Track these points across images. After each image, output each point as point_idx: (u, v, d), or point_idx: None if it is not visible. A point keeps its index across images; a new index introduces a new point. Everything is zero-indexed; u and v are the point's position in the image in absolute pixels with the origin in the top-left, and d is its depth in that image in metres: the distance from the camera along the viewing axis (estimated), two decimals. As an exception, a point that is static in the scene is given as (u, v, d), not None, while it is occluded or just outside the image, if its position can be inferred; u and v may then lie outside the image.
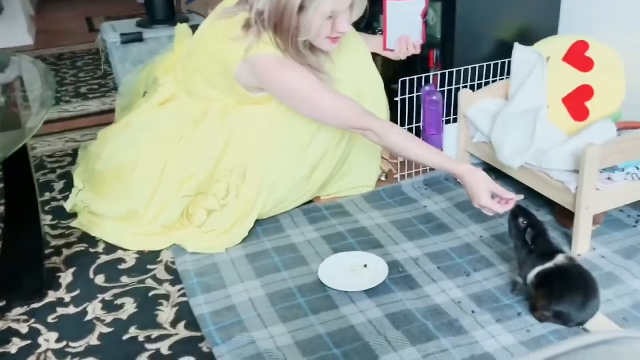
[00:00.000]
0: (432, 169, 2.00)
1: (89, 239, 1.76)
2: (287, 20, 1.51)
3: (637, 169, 1.55)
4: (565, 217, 1.63)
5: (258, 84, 1.64)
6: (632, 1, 1.82)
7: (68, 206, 1.89)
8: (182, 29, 1.99)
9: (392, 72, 2.14)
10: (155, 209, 1.71)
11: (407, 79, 1.88)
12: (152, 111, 1.85)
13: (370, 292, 1.45)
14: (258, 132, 1.71)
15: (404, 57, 1.88)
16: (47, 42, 4.25)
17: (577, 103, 1.78)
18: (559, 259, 1.33)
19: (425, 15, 1.80)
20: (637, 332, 0.45)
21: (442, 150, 1.97)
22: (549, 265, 1.33)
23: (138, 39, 2.94)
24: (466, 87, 1.92)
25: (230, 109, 1.73)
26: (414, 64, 2.12)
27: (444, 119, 1.95)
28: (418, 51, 1.85)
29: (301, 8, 1.50)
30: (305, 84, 1.58)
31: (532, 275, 1.35)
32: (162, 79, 1.89)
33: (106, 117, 2.73)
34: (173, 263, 1.63)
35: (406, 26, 1.81)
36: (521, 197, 1.46)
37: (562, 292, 1.29)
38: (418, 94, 1.93)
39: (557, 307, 1.30)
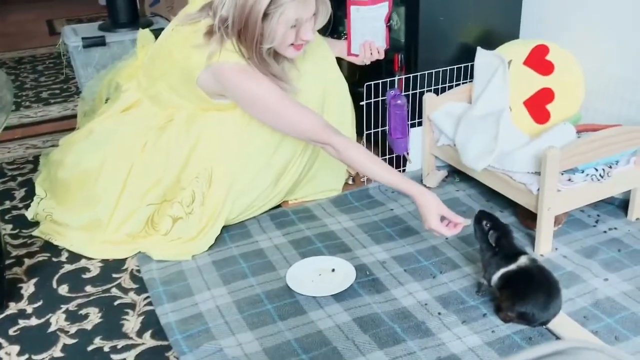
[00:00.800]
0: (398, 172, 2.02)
1: (51, 248, 1.73)
2: (251, 27, 1.50)
3: (596, 170, 1.59)
4: (527, 218, 1.67)
5: (221, 91, 1.63)
6: (590, 8, 1.87)
7: (29, 214, 1.85)
8: (144, 34, 1.97)
9: (357, 75, 2.15)
10: (120, 217, 1.68)
11: (372, 83, 1.89)
12: (115, 117, 1.82)
13: (338, 297, 1.45)
14: (223, 138, 1.70)
15: (368, 62, 1.90)
16: (6, 45, 4.14)
17: (538, 106, 1.82)
18: (522, 260, 1.36)
19: (388, 20, 1.83)
20: (586, 342, 0.46)
21: (407, 153, 1.99)
22: (512, 267, 1.35)
23: (100, 42, 2.89)
24: (430, 90, 1.94)
25: (195, 115, 1.72)
26: (379, 68, 2.13)
27: (409, 122, 1.97)
28: (382, 56, 1.88)
29: (265, 15, 1.49)
30: (267, 94, 1.57)
31: (496, 277, 1.37)
32: (125, 85, 1.86)
33: (68, 123, 2.67)
34: (138, 271, 1.61)
35: (370, 31, 1.83)
36: (469, 221, 1.48)
37: (525, 294, 1.32)
38: (383, 97, 1.94)
39: (521, 308, 1.32)
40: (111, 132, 1.78)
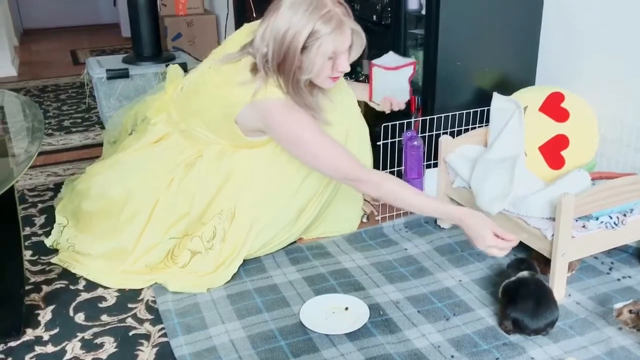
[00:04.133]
0: (412, 212, 2.04)
1: (69, 276, 1.75)
2: (290, 59, 1.55)
3: (611, 218, 1.60)
4: (541, 263, 1.67)
5: (262, 127, 1.66)
6: (606, 56, 1.91)
7: (49, 241, 1.89)
8: (174, 69, 2.03)
9: (374, 116, 2.19)
10: (142, 249, 1.72)
11: (390, 124, 1.93)
12: (143, 150, 1.86)
13: (352, 335, 1.46)
14: (251, 176, 1.74)
15: (388, 112, 1.94)
16: (30, 74, 4.25)
17: (553, 152, 1.84)
18: (523, 273, 1.50)
19: (411, 80, 1.86)
20: None
21: (422, 193, 2.01)
22: (512, 279, 1.50)
23: (124, 75, 2.97)
24: (446, 133, 1.98)
25: (224, 153, 1.76)
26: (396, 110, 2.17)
27: (425, 163, 2.00)
28: (403, 107, 1.93)
29: (304, 48, 1.54)
30: (308, 132, 1.61)
31: (500, 290, 1.50)
32: (154, 119, 1.91)
33: (89, 152, 2.73)
34: (154, 302, 1.63)
35: (392, 90, 1.87)
36: (524, 235, 1.52)
37: (516, 300, 1.43)
38: (399, 138, 1.98)
39: (512, 313, 1.42)
40: (139, 165, 1.82)
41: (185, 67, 3.08)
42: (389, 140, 1.94)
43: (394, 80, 1.85)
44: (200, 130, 1.77)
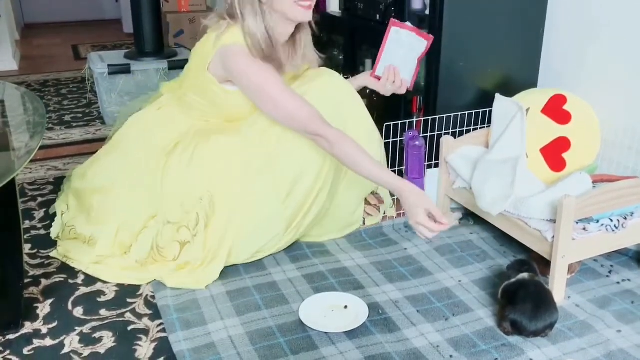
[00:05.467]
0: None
1: (68, 270, 1.75)
2: None
3: (611, 221, 1.60)
4: (541, 264, 1.67)
5: (227, 75, 1.68)
6: (609, 59, 1.91)
7: (53, 233, 1.90)
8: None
9: (376, 115, 2.19)
10: (125, 236, 1.74)
11: (392, 124, 1.93)
12: (139, 124, 1.90)
13: (351, 334, 1.46)
14: (227, 161, 1.73)
15: (388, 93, 1.88)
16: (31, 68, 4.25)
17: (555, 154, 1.84)
18: (523, 275, 1.50)
19: (421, 59, 1.82)
20: None
21: (423, 193, 2.01)
22: (512, 280, 1.50)
23: (126, 70, 2.97)
24: (448, 133, 1.98)
25: (199, 142, 1.75)
26: (398, 109, 2.18)
27: (426, 163, 2.00)
28: (403, 90, 1.86)
29: None
30: (269, 81, 1.62)
31: (500, 291, 1.50)
32: (164, 95, 1.96)
33: (89, 146, 2.73)
34: (153, 297, 1.63)
35: (400, 58, 1.82)
36: (454, 222, 1.53)
37: (515, 301, 1.43)
38: (401, 138, 1.97)
39: (511, 314, 1.43)
40: (124, 151, 1.87)
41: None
42: (391, 140, 1.94)
43: (407, 45, 1.79)
44: (190, 94, 1.80)
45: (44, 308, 1.59)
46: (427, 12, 1.98)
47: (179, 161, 1.75)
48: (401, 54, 1.79)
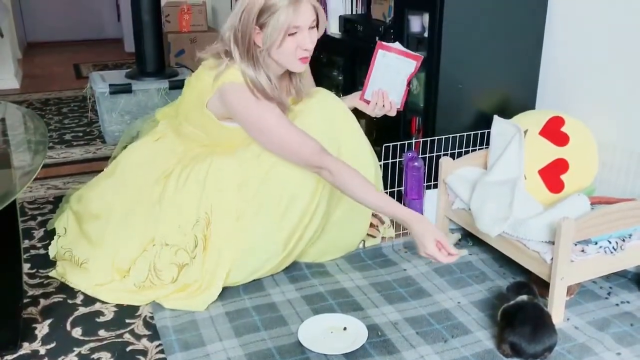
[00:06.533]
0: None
1: (67, 290, 1.75)
2: (248, 33, 1.61)
3: (610, 243, 1.61)
4: (540, 286, 1.67)
5: (226, 113, 1.69)
6: (606, 82, 1.93)
7: (51, 253, 1.91)
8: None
9: (374, 135, 2.21)
10: (126, 262, 1.73)
11: (391, 144, 1.94)
12: (139, 151, 1.91)
13: (350, 356, 1.45)
14: (222, 181, 1.73)
15: (378, 115, 1.88)
16: (33, 87, 4.27)
17: (553, 176, 1.85)
18: (522, 297, 1.50)
19: (409, 81, 1.83)
20: None
21: (422, 214, 2.01)
22: (511, 302, 1.50)
23: (127, 90, 2.99)
24: (447, 154, 1.99)
25: (197, 163, 1.76)
26: (397, 130, 2.19)
27: (425, 184, 2.00)
28: (393, 113, 1.87)
29: (263, 25, 1.59)
30: (270, 116, 1.63)
31: (499, 313, 1.50)
32: (161, 120, 1.98)
33: (89, 165, 2.74)
34: (152, 318, 1.62)
35: (388, 81, 1.82)
36: (463, 252, 1.52)
37: (514, 324, 1.43)
38: (400, 159, 1.99)
39: (510, 337, 1.43)
40: (123, 178, 1.88)
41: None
42: (390, 161, 1.95)
43: (395, 68, 1.79)
44: (187, 125, 1.82)
45: (42, 328, 1.58)
46: (426, 34, 2.00)
47: (176, 184, 1.75)
48: (389, 76, 1.80)
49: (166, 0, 4.21)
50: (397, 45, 1.80)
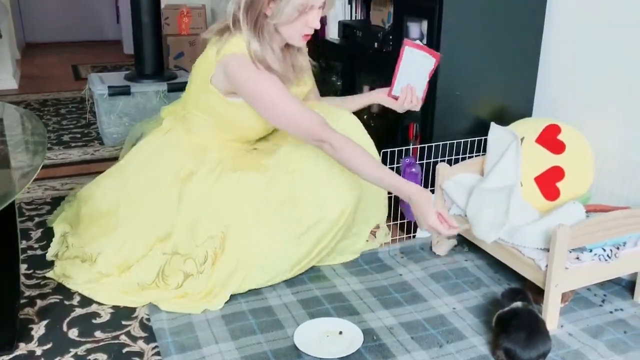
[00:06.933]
0: (408, 238, 2.06)
1: (63, 291, 1.75)
2: (259, 3, 1.61)
3: (604, 250, 1.62)
4: (535, 293, 1.69)
5: (230, 87, 1.69)
6: (603, 91, 1.94)
7: (50, 254, 1.91)
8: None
9: (374, 141, 2.21)
10: (129, 256, 1.74)
11: (388, 150, 1.95)
12: (144, 152, 1.91)
13: (345, 360, 1.46)
14: (242, 201, 1.73)
15: (403, 110, 1.90)
16: (31, 87, 4.27)
17: (549, 183, 1.87)
18: (516, 304, 1.52)
19: (431, 75, 1.84)
20: None
21: (418, 220, 2.03)
22: (506, 309, 1.52)
23: (125, 92, 2.99)
24: (444, 160, 2.00)
25: (220, 173, 1.76)
26: (394, 136, 2.20)
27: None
28: (418, 107, 1.89)
29: None
30: (273, 89, 1.64)
31: (493, 319, 1.52)
32: (166, 119, 1.97)
33: (87, 167, 2.74)
34: (148, 320, 1.63)
35: (414, 77, 1.84)
36: (467, 226, 1.52)
37: (509, 330, 1.45)
38: (398, 165, 2.00)
39: (505, 343, 1.44)
40: (136, 173, 1.87)
41: (186, 87, 3.12)
42: (388, 166, 1.95)
43: (419, 64, 1.81)
44: (194, 112, 1.81)
45: (38, 329, 1.59)
46: (425, 41, 2.02)
47: (198, 191, 1.75)
48: (415, 72, 1.82)
49: (166, 3, 4.22)
50: (418, 42, 1.83)
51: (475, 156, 2.03)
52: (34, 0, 5.89)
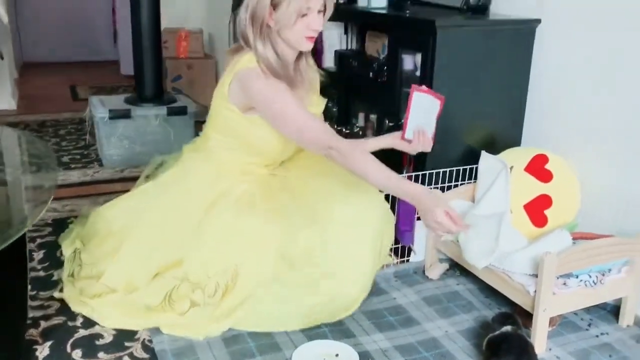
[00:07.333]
0: (402, 262, 2.12)
1: (67, 312, 1.79)
2: (263, 14, 1.68)
3: (590, 277, 1.69)
4: (524, 317, 1.75)
5: (247, 100, 1.75)
6: (587, 121, 2.02)
7: (65, 274, 1.94)
8: None
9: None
10: (137, 278, 1.77)
11: (383, 177, 2.02)
12: (165, 182, 1.94)
13: (342, 382, 1.51)
14: (265, 245, 1.74)
15: (415, 152, 1.92)
16: (30, 108, 4.31)
17: (537, 210, 1.94)
18: (506, 328, 1.58)
19: (439, 117, 1.90)
20: None
21: (413, 244, 2.09)
22: (496, 333, 1.58)
23: (126, 115, 3.05)
24: (437, 187, 2.07)
25: (240, 210, 1.78)
26: (388, 163, 2.27)
27: (417, 215, 2.08)
28: (429, 148, 1.92)
29: (276, 5, 1.67)
30: (281, 97, 1.70)
31: (484, 343, 1.57)
32: (186, 149, 2.02)
33: (86, 189, 2.79)
34: (150, 341, 1.67)
35: (423, 120, 1.91)
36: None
37: (499, 353, 1.51)
38: (392, 191, 2.06)
39: None
40: (152, 198, 1.91)
41: (185, 111, 3.19)
42: (383, 193, 2.02)
43: (427, 107, 1.87)
44: (214, 135, 1.86)
45: (43, 350, 1.63)
46: (418, 73, 2.10)
47: (216, 224, 1.78)
48: (423, 116, 1.89)
49: (164, 26, 4.30)
50: (424, 87, 1.90)
51: (467, 183, 2.10)
52: (31, 19, 5.96)
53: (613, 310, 1.85)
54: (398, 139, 1.92)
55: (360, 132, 2.58)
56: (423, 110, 1.86)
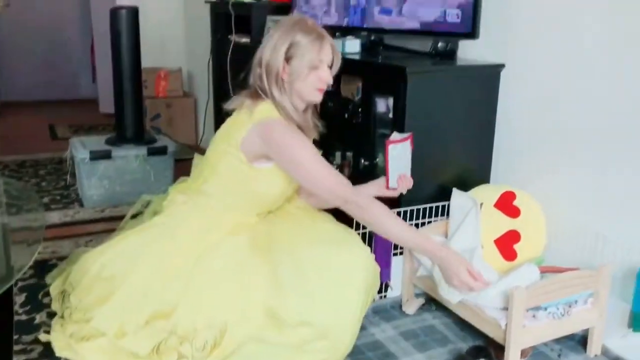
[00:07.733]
0: (380, 298, 2.18)
1: (50, 356, 1.80)
2: (278, 69, 1.78)
3: (557, 309, 1.77)
4: (496, 349, 1.82)
5: (264, 149, 1.78)
6: (553, 159, 2.13)
7: (59, 314, 1.92)
8: (197, 158, 2.12)
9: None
10: (127, 324, 1.76)
11: (360, 215, 2.09)
12: (151, 230, 1.93)
13: (323, 418, 1.56)
14: (255, 303, 1.73)
15: (398, 194, 2.02)
16: (8, 149, 4.30)
17: (507, 245, 2.03)
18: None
19: (411, 153, 2.01)
20: None
21: (389, 280, 2.16)
22: None
23: (106, 156, 3.10)
24: (411, 224, 2.15)
25: (233, 264, 1.78)
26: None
27: (393, 252, 2.16)
28: (411, 186, 2.02)
29: (289, 58, 1.78)
30: (305, 151, 1.77)
31: None
32: (177, 197, 1.99)
33: (68, 229, 2.81)
34: (134, 383, 1.70)
35: (401, 165, 2.02)
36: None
37: None
38: (370, 229, 2.13)
39: None
40: (144, 245, 1.89)
41: (165, 151, 3.25)
42: (361, 231, 2.10)
43: (403, 153, 1.97)
44: (210, 179, 1.88)
45: (27, 395, 1.64)
46: (391, 115, 2.20)
47: (206, 276, 1.77)
48: (400, 161, 2.00)
49: (143, 66, 4.38)
50: (395, 135, 2.00)
51: (440, 220, 2.18)
52: (8, 58, 5.98)
53: (581, 341, 1.93)
54: (383, 188, 2.01)
55: (339, 170, 2.65)
56: (399, 157, 1.97)
